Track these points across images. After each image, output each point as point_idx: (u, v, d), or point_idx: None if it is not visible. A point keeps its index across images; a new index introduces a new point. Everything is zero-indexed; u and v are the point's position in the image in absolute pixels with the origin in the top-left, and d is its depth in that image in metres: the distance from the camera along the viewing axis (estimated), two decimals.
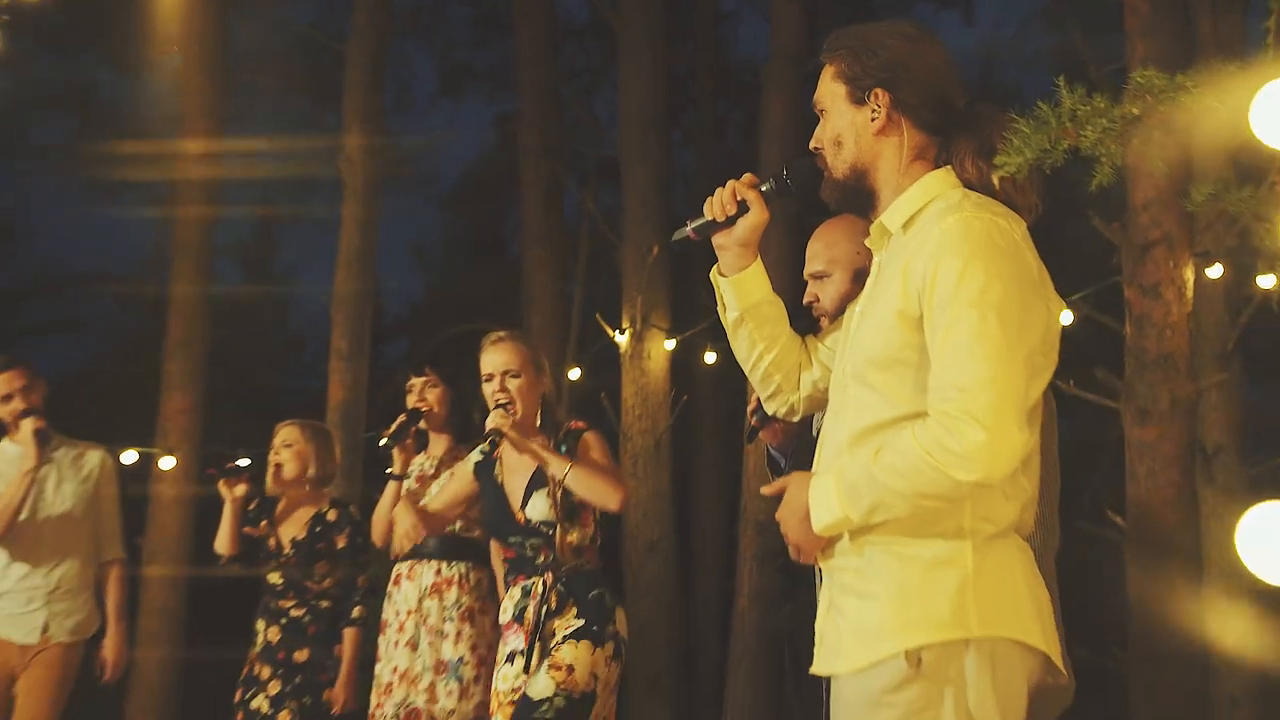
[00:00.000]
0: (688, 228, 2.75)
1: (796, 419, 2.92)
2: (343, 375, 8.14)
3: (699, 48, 14.41)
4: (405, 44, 16.71)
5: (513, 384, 4.31)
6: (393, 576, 5.16)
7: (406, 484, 5.02)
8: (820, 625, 2.49)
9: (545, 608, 4.16)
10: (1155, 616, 5.26)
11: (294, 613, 5.42)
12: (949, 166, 2.44)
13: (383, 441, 4.91)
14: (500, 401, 4.25)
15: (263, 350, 19.99)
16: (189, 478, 8.51)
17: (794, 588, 8.50)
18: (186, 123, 9.10)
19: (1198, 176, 4.76)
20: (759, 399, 3.00)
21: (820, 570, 2.54)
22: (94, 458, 5.76)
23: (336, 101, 8.98)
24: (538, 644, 4.12)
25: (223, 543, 5.37)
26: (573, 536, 4.23)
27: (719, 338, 9.15)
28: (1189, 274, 5.38)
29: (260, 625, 5.47)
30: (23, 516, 5.50)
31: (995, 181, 2.40)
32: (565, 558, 4.22)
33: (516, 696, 4.16)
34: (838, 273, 3.36)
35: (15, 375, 5.50)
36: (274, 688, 5.34)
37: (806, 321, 3.25)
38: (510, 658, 4.24)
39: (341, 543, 5.45)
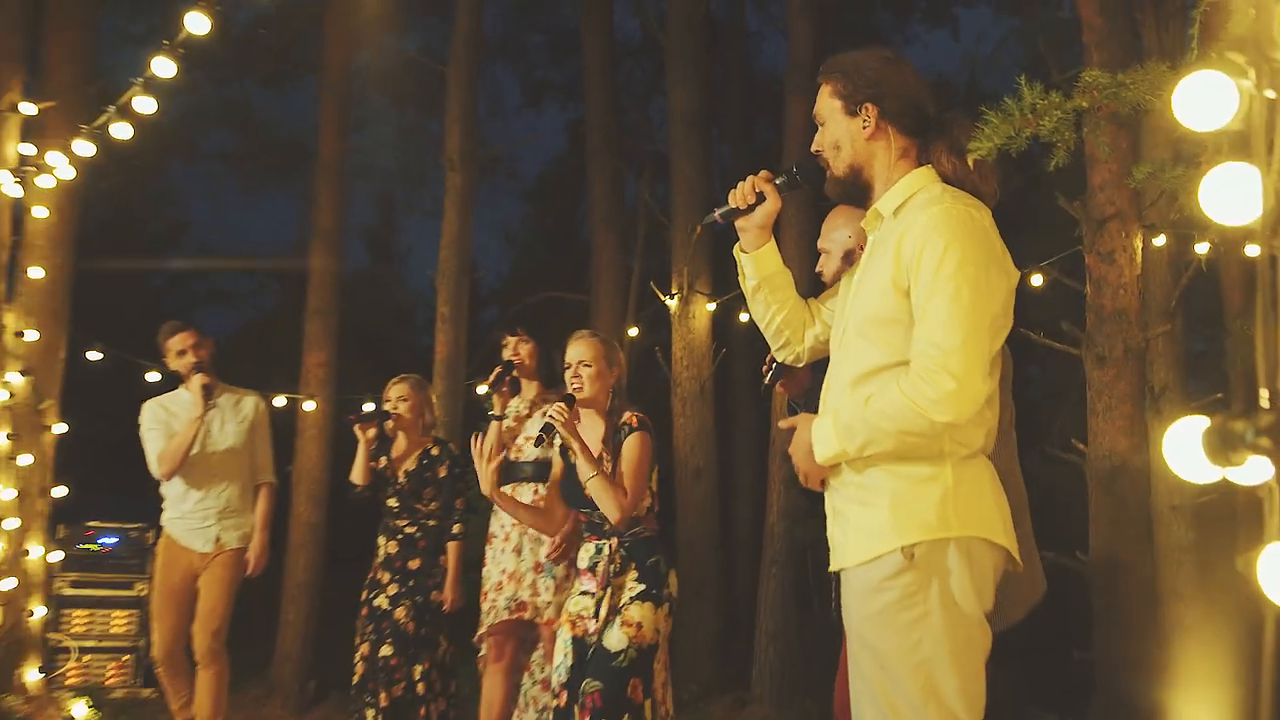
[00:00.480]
0: (715, 213, 2.94)
1: (802, 365, 3.07)
2: (447, 335, 8.17)
3: (731, 61, 14.38)
4: (495, 65, 16.78)
5: (585, 372, 4.38)
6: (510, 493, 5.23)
7: (505, 423, 5.15)
8: (830, 532, 2.64)
9: (612, 568, 4.20)
10: (1111, 525, 5.24)
11: (407, 530, 5.49)
12: (930, 165, 2.59)
13: (483, 389, 4.99)
14: (574, 387, 4.35)
15: (383, 315, 20.12)
16: (326, 418, 8.61)
17: (815, 506, 8.49)
18: (322, 132, 9.12)
19: (1142, 161, 4.71)
20: (771, 359, 3.10)
21: (825, 493, 2.64)
22: (250, 402, 5.86)
23: (440, 112, 8.98)
24: (606, 595, 4.16)
25: (357, 475, 5.46)
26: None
27: None
28: (1138, 243, 5.35)
29: (381, 540, 5.55)
30: (194, 452, 5.59)
31: (970, 166, 2.56)
32: (618, 526, 4.25)
33: (581, 619, 4.23)
34: (834, 250, 3.67)
35: (188, 335, 5.62)
36: (392, 589, 5.41)
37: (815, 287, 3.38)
38: (583, 593, 4.27)
39: (443, 472, 5.53)
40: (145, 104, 5.43)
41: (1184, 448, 2.33)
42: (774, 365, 3.49)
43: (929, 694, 2.36)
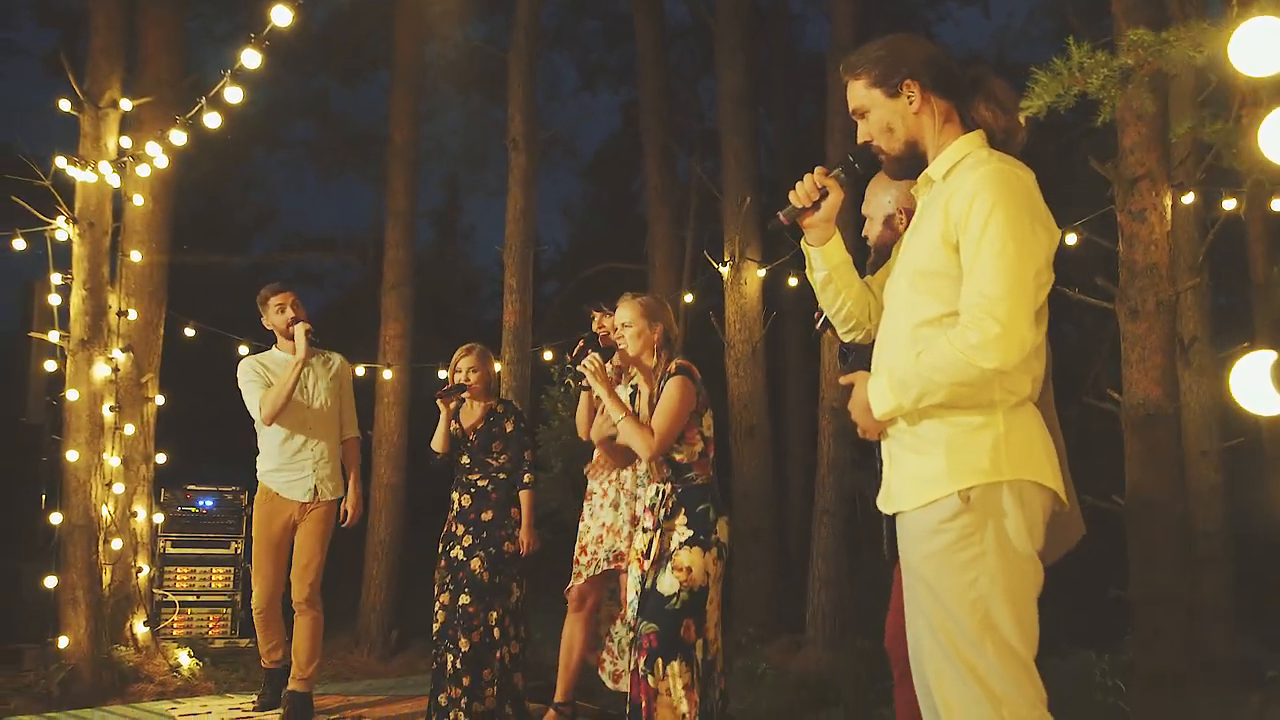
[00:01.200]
0: (780, 215, 2.85)
1: (870, 341, 2.98)
2: (514, 306, 8.20)
3: (775, 43, 14.29)
4: (552, 51, 16.78)
5: (626, 333, 4.47)
6: (595, 458, 5.35)
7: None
8: (887, 476, 2.65)
9: (663, 511, 4.25)
10: (1145, 469, 5.18)
11: (479, 483, 5.55)
12: (979, 130, 2.59)
13: (571, 358, 5.04)
14: (615, 342, 4.52)
15: (450, 290, 20.25)
16: (402, 386, 8.70)
17: (863, 458, 8.47)
18: (393, 120, 9.17)
19: (1182, 117, 4.63)
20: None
21: (881, 443, 2.68)
22: (336, 359, 5.99)
23: (502, 98, 9.00)
24: (657, 536, 4.21)
25: (438, 443, 5.54)
26: (680, 454, 4.25)
27: (800, 265, 9.13)
28: (1168, 201, 5.25)
29: (455, 495, 5.61)
30: (293, 404, 5.66)
31: (1006, 113, 2.60)
32: (654, 475, 4.32)
33: (643, 556, 4.29)
34: (876, 216, 3.63)
35: (288, 294, 5.72)
36: (467, 541, 5.48)
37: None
38: (644, 530, 4.33)
39: (510, 428, 5.59)
40: (234, 94, 5.51)
41: (1250, 381, 2.37)
42: (825, 317, 3.47)
43: (986, 628, 2.37)
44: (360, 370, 8.07)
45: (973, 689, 2.38)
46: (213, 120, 5.71)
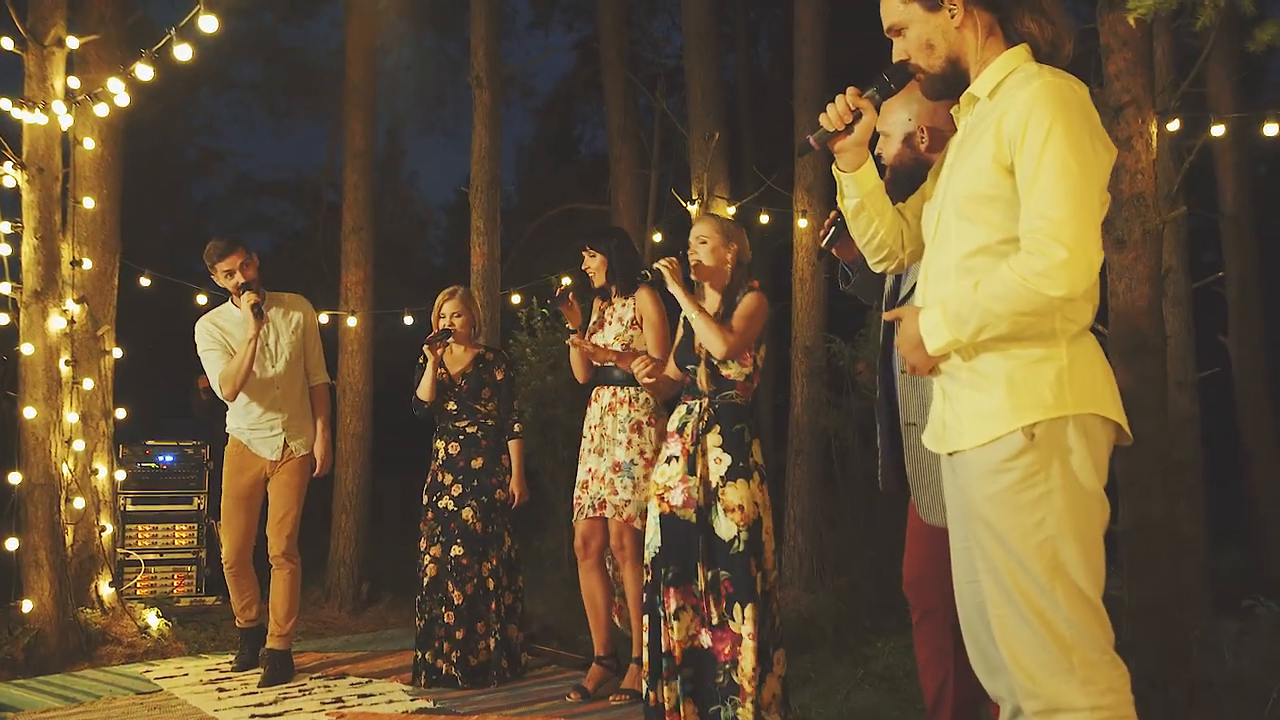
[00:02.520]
0: (810, 138, 2.68)
1: (904, 269, 2.93)
2: (482, 248, 8.04)
3: None
4: None
5: (701, 248, 4.42)
6: (591, 395, 5.22)
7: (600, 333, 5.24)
8: (939, 414, 2.51)
9: (700, 423, 4.22)
10: (1133, 400, 5.14)
11: (468, 429, 5.46)
12: (1024, 44, 2.42)
13: (545, 308, 5.00)
14: (694, 261, 4.43)
15: (401, 235, 20.08)
16: (366, 333, 8.55)
17: (836, 397, 8.46)
18: (349, 56, 8.96)
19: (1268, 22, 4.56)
20: (833, 219, 2.93)
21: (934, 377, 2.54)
22: (298, 310, 5.79)
23: (456, 34, 8.79)
24: (696, 452, 4.22)
25: (425, 392, 5.47)
26: (729, 371, 4.28)
27: (770, 203, 9.07)
28: (1153, 128, 5.20)
29: (440, 443, 5.52)
30: (255, 373, 5.56)
31: (1052, 20, 2.43)
32: (704, 387, 4.28)
33: (668, 491, 4.27)
34: (894, 133, 3.43)
35: (235, 256, 5.53)
36: (456, 490, 5.39)
37: None
38: (669, 460, 4.31)
39: (499, 375, 5.50)
40: (209, 23, 5.23)
41: None
42: (834, 227, 3.32)
43: (1054, 571, 2.27)
44: (324, 318, 7.92)
45: (1040, 634, 2.29)
46: (183, 53, 5.47)
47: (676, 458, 4.26)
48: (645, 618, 4.31)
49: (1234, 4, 3.90)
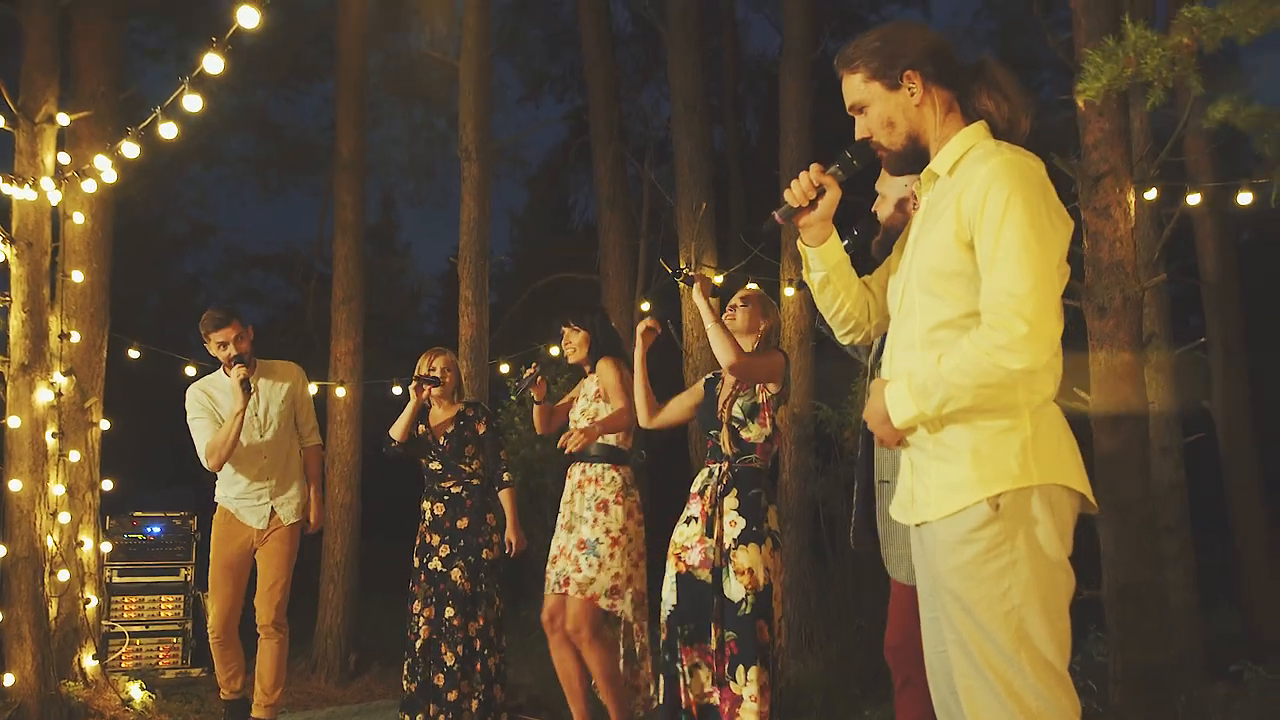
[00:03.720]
0: (775, 215, 2.72)
1: (870, 343, 3.04)
2: (470, 317, 8.08)
3: (723, 45, 14.31)
4: (497, 60, 16.68)
5: (739, 308, 4.65)
6: (566, 472, 5.27)
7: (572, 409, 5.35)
8: (907, 486, 2.54)
9: (719, 486, 4.33)
10: (1116, 467, 5.18)
11: (453, 490, 5.48)
12: (981, 121, 2.48)
13: (514, 393, 5.07)
14: (729, 314, 4.60)
15: (392, 304, 20.16)
16: (355, 403, 8.54)
17: (826, 464, 8.45)
18: (340, 129, 9.05)
19: (1220, 100, 4.62)
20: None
21: (880, 450, 2.58)
22: (289, 377, 5.81)
23: (446, 108, 8.88)
24: (715, 515, 4.32)
25: (398, 430, 5.48)
26: (749, 434, 4.33)
27: (756, 271, 9.12)
28: (1131, 197, 5.27)
29: (427, 504, 5.54)
30: (243, 442, 5.55)
31: (1010, 100, 2.50)
32: (726, 450, 4.40)
33: (685, 551, 4.38)
34: (890, 195, 3.57)
35: (230, 329, 5.55)
36: (444, 551, 5.41)
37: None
38: (688, 520, 4.42)
39: (481, 429, 5.53)
40: (193, 102, 5.27)
41: None
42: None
43: (1020, 641, 2.29)
44: (313, 388, 7.92)
45: (1007, 704, 2.30)
46: (168, 130, 5.51)
47: (695, 519, 4.36)
48: (661, 677, 4.37)
49: (1183, 84, 3.96)
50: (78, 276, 7.03)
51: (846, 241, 2.71)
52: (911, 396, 2.37)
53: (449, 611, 5.27)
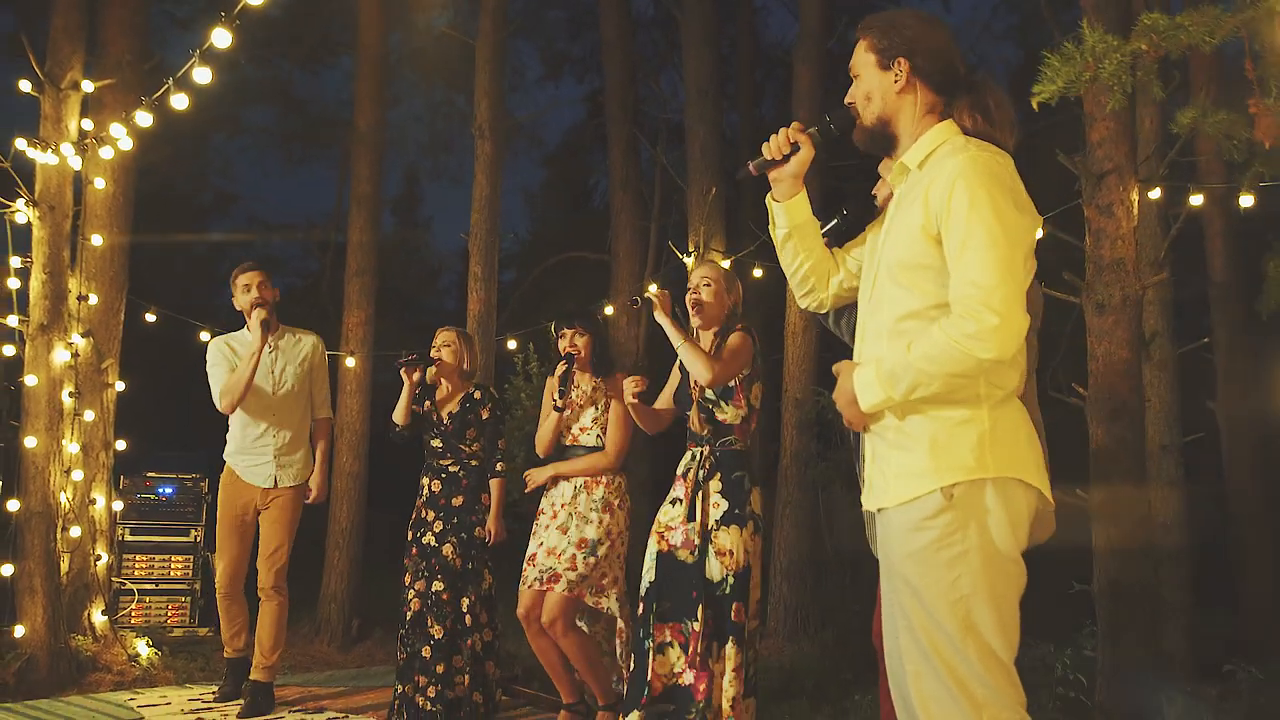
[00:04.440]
0: (749, 165, 2.79)
1: (825, 310, 3.02)
2: (479, 294, 8.12)
3: (740, 32, 14.25)
4: (517, 40, 16.69)
5: (705, 290, 4.50)
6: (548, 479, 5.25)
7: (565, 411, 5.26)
8: (869, 473, 2.58)
9: (701, 470, 4.31)
10: (1111, 463, 5.18)
11: (451, 468, 5.48)
12: (951, 119, 2.51)
13: (555, 406, 5.10)
14: (692, 300, 4.51)
15: (411, 278, 20.13)
16: (365, 374, 8.59)
17: (824, 449, 8.47)
18: (359, 105, 9.07)
19: (1188, 106, 4.62)
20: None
21: (862, 435, 2.63)
22: (308, 342, 5.91)
23: (466, 86, 8.88)
24: (698, 500, 4.29)
25: (399, 415, 5.48)
26: (724, 415, 4.33)
27: (764, 257, 9.11)
28: (1135, 196, 5.25)
29: (425, 480, 5.55)
30: (255, 389, 5.64)
31: (992, 123, 2.52)
32: (699, 430, 4.37)
33: (669, 531, 4.35)
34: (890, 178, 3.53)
35: (256, 274, 5.69)
36: (438, 526, 5.41)
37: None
38: (673, 501, 4.39)
39: (485, 415, 5.52)
40: (202, 75, 5.34)
41: None
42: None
43: (967, 629, 2.31)
44: None
45: (952, 690, 2.33)
46: (180, 101, 5.56)
47: (680, 500, 4.35)
48: (632, 653, 4.39)
49: (1145, 88, 3.95)
50: (97, 240, 7.08)
51: (836, 220, 2.75)
52: (879, 382, 2.39)
53: (438, 585, 5.29)
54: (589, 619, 5.24)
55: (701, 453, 4.37)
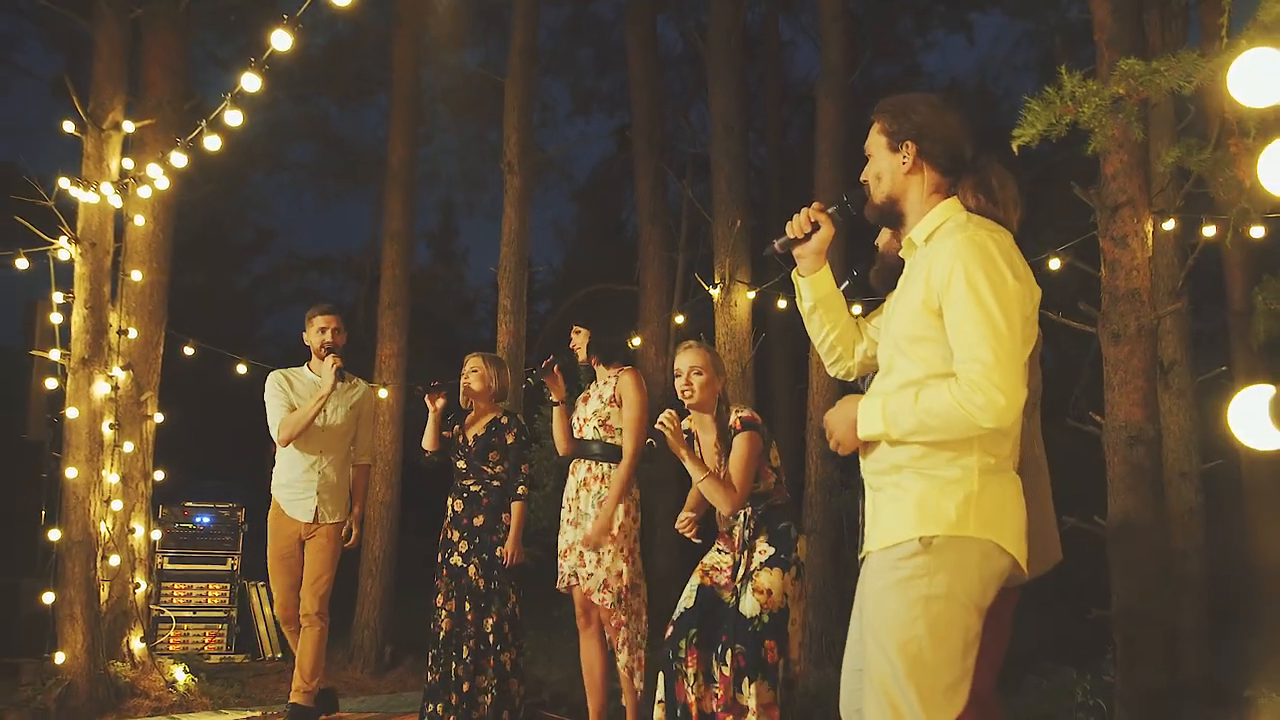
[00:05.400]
0: (775, 244, 2.93)
1: (853, 378, 3.15)
2: (508, 326, 8.20)
3: (766, 68, 14.31)
4: (547, 77, 16.85)
5: (696, 380, 4.48)
6: (570, 467, 5.29)
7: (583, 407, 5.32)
8: (867, 524, 2.75)
9: (746, 533, 4.34)
10: (1128, 490, 5.16)
11: (473, 489, 5.55)
12: (955, 198, 2.65)
13: (530, 377, 5.16)
14: (684, 393, 4.48)
15: (446, 309, 20.24)
16: (398, 404, 8.66)
17: (849, 477, 8.45)
18: (391, 143, 9.19)
19: (1174, 145, 4.63)
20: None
21: (866, 482, 2.76)
22: (362, 388, 6.04)
23: (498, 122, 8.97)
24: (743, 558, 4.31)
25: (428, 441, 5.56)
26: (759, 486, 4.41)
27: (789, 289, 9.13)
28: (1149, 227, 5.26)
29: (450, 500, 5.63)
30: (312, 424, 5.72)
31: (995, 203, 2.67)
32: (729, 509, 4.32)
33: (715, 571, 4.43)
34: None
35: (333, 318, 5.82)
36: (463, 546, 5.49)
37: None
38: (720, 550, 4.47)
39: (510, 439, 5.58)
40: (234, 117, 5.47)
41: (1248, 415, 2.38)
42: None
43: (913, 669, 2.42)
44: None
45: None
46: (213, 143, 5.68)
47: (725, 553, 4.39)
48: (661, 673, 4.38)
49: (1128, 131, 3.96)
50: (137, 276, 7.20)
51: (847, 282, 2.86)
52: (882, 417, 2.53)
53: (467, 605, 5.37)
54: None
55: (745, 514, 4.39)
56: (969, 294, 2.43)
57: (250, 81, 5.19)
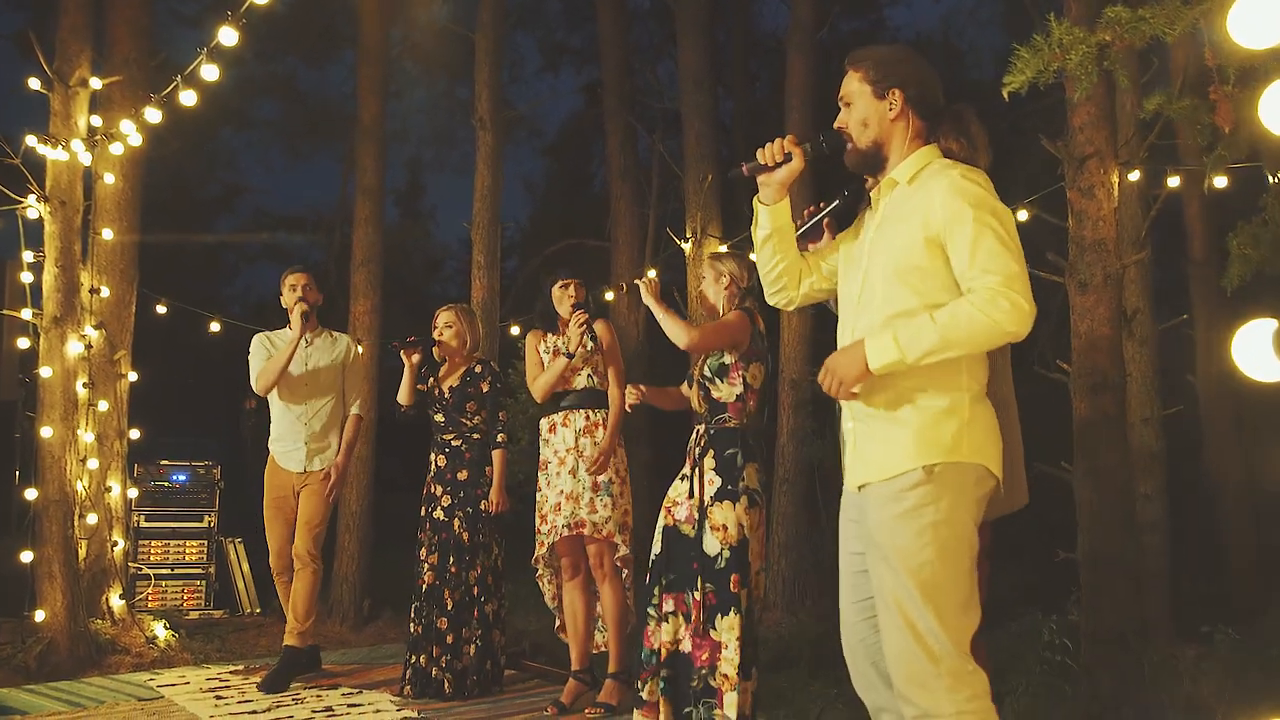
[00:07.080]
0: (743, 167, 2.96)
1: (792, 308, 3.20)
2: (482, 281, 8.18)
3: (734, 22, 14.25)
4: (516, 32, 16.69)
5: (718, 283, 4.58)
6: (548, 426, 5.26)
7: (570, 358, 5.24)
8: (850, 459, 2.81)
9: (698, 448, 4.37)
10: (1093, 436, 5.23)
11: (454, 442, 5.56)
12: (935, 143, 2.79)
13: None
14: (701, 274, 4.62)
15: (416, 267, 20.14)
16: (373, 360, 8.63)
17: (820, 428, 8.52)
18: (361, 98, 9.10)
19: (1154, 94, 4.65)
20: (813, 211, 3.23)
21: (846, 414, 2.81)
22: (343, 341, 6.04)
23: (466, 78, 8.90)
24: (695, 475, 4.34)
25: (403, 396, 5.55)
26: (719, 392, 4.35)
27: None
28: (1115, 179, 5.29)
29: (432, 456, 5.64)
30: (292, 376, 5.77)
31: (971, 148, 2.76)
32: (699, 409, 4.42)
33: (675, 506, 4.39)
34: None
35: (303, 275, 5.91)
36: (445, 501, 5.50)
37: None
38: (681, 478, 4.43)
39: (485, 387, 5.59)
40: (210, 72, 5.41)
41: (1252, 349, 2.46)
42: (811, 220, 3.29)
43: (928, 591, 2.52)
44: None
45: (914, 646, 2.53)
46: (188, 98, 5.62)
47: (686, 476, 4.39)
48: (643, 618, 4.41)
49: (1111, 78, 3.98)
50: (108, 234, 7.13)
51: (838, 201, 2.97)
52: (896, 344, 2.55)
53: (450, 558, 5.39)
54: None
55: (699, 431, 4.42)
56: (979, 220, 2.54)
57: (227, 35, 5.13)
